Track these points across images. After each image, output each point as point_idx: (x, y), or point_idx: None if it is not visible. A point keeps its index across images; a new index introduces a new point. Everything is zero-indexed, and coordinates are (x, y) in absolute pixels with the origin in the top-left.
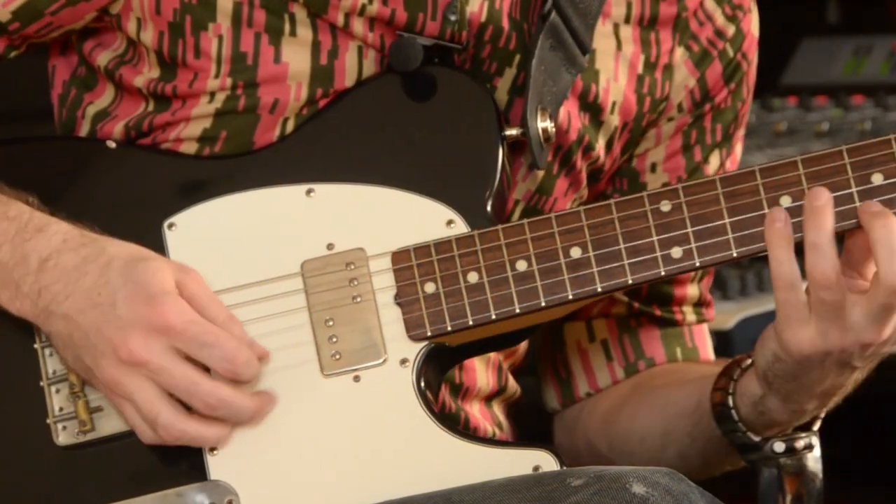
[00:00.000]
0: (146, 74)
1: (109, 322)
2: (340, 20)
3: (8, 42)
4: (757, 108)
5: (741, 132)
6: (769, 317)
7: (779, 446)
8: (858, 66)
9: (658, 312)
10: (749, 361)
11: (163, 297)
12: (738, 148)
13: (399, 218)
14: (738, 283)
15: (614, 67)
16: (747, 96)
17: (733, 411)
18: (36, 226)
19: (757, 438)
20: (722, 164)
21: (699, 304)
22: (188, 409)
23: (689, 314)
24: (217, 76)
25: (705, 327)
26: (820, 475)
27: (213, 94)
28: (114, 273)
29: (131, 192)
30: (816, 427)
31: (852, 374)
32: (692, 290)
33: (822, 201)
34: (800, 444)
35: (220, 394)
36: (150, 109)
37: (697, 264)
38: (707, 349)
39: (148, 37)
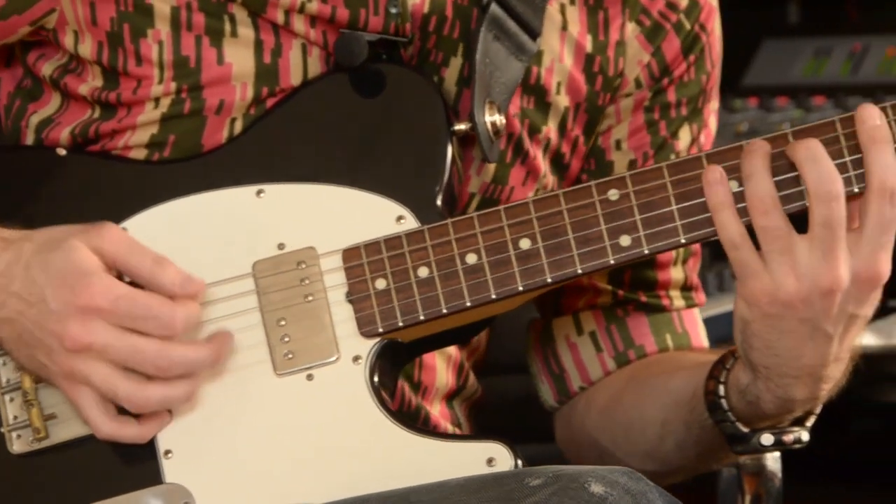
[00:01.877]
0: (90, 83)
1: (47, 318)
2: (281, 18)
3: None
4: (719, 108)
5: (712, 105)
6: (731, 317)
7: (767, 439)
8: (819, 67)
9: (644, 298)
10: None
11: (86, 280)
12: (713, 122)
13: (349, 216)
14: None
15: (559, 47)
16: (712, 69)
17: (723, 400)
18: None
19: (745, 429)
20: (695, 140)
21: (686, 287)
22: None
23: (677, 299)
24: (161, 82)
25: (696, 312)
26: (779, 475)
27: (157, 100)
28: (35, 271)
29: (82, 199)
30: (809, 423)
31: (830, 346)
32: (676, 274)
33: (756, 145)
34: (789, 437)
35: (169, 353)
36: (95, 116)
37: (646, 252)
38: (699, 335)
39: (87, 49)
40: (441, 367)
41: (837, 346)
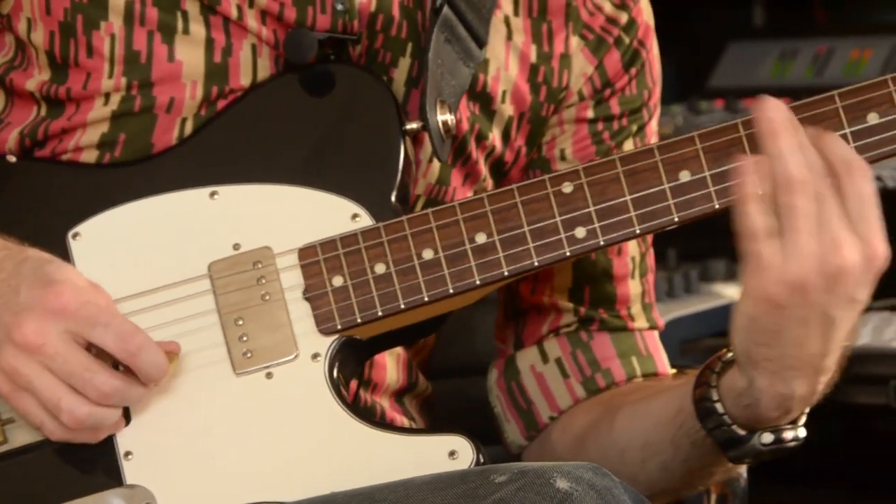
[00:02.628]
0: (37, 77)
1: (8, 307)
2: (234, 12)
3: None
4: (684, 110)
5: (654, 125)
6: (698, 318)
7: (767, 437)
8: (784, 69)
9: (605, 315)
10: (730, 354)
11: (63, 282)
12: (654, 142)
13: (304, 215)
14: (665, 285)
15: (505, 57)
16: (653, 87)
17: (718, 405)
18: None
19: (743, 432)
20: None
21: (645, 304)
22: None
23: (638, 317)
24: (111, 76)
25: (656, 336)
26: (745, 475)
27: (107, 96)
28: (26, 267)
29: (34, 205)
30: (802, 421)
31: (833, 333)
32: (635, 287)
33: (776, 114)
34: (788, 435)
35: (114, 382)
36: (43, 114)
37: (601, 243)
38: (663, 359)
39: (39, 37)
40: (390, 365)
41: (839, 333)
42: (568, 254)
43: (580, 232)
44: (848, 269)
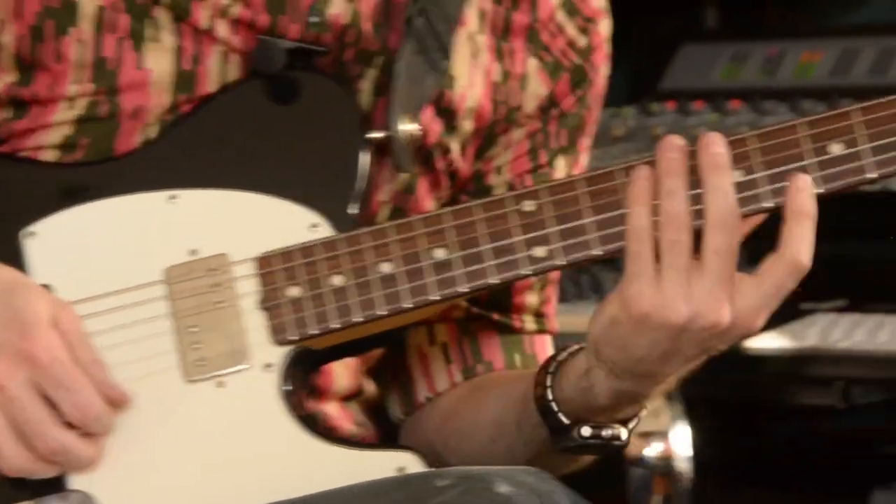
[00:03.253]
0: (3, 79)
1: None
2: (204, 22)
3: None
4: (636, 112)
5: (586, 142)
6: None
7: (586, 430)
8: (736, 71)
9: (496, 317)
10: (576, 347)
11: (36, 328)
12: (584, 158)
13: (263, 222)
14: (574, 288)
15: (469, 73)
16: (593, 106)
17: (549, 390)
18: None
19: (567, 421)
20: (568, 174)
21: (539, 313)
22: None
23: (529, 322)
24: (78, 81)
25: (547, 339)
26: (689, 475)
27: (73, 100)
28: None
29: None
30: (631, 425)
31: (682, 366)
32: (531, 299)
33: (674, 153)
34: (607, 432)
35: (64, 440)
36: (8, 116)
37: (562, 263)
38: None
39: (8, 39)
40: (339, 371)
41: (686, 366)
42: (527, 273)
43: (540, 251)
44: (720, 326)
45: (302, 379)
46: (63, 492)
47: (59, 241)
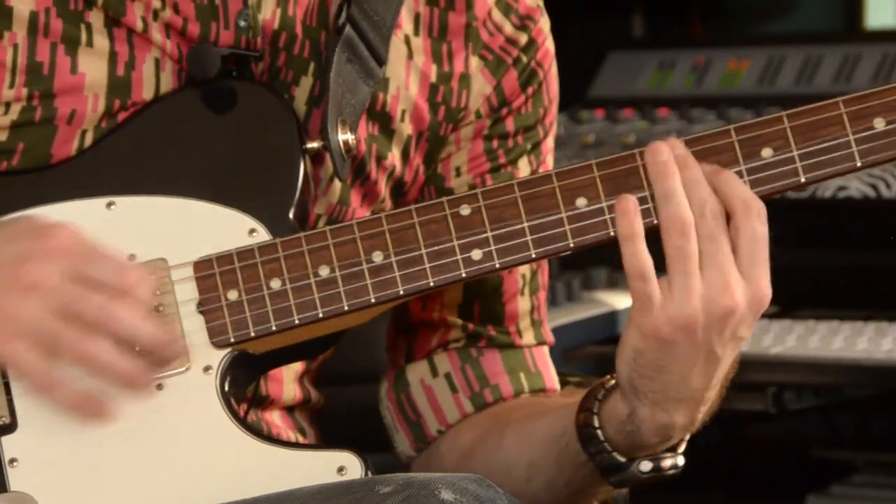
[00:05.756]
0: None
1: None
2: (139, 24)
3: None
4: (565, 120)
5: (549, 143)
6: (580, 325)
7: (645, 466)
8: (663, 79)
9: (493, 332)
10: (613, 381)
11: (54, 229)
12: (549, 160)
13: (201, 228)
14: (548, 295)
15: (405, 76)
16: (549, 105)
17: (599, 431)
18: None
19: (623, 459)
20: (533, 173)
21: (534, 320)
22: None
23: (527, 333)
24: (12, 86)
25: (546, 351)
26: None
27: (7, 105)
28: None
29: None
30: (682, 449)
31: (717, 368)
32: (524, 304)
33: (665, 156)
34: (666, 463)
35: (115, 308)
36: None
37: (497, 266)
38: (551, 374)
39: None
40: (288, 379)
41: (722, 369)
42: (464, 275)
43: (477, 254)
44: (735, 310)
45: (242, 382)
46: (1, 493)
47: None
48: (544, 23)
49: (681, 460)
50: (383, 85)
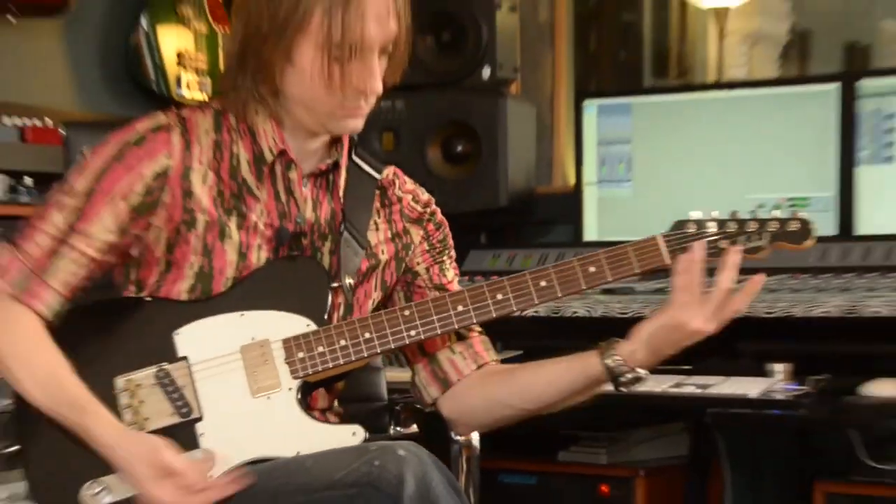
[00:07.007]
0: (155, 254)
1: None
2: (256, 223)
3: None
4: None
5: (453, 259)
6: None
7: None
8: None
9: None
10: (616, 340)
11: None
12: (454, 269)
13: (283, 323)
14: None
15: (379, 245)
16: (448, 240)
17: (615, 350)
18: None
19: (643, 372)
20: (453, 273)
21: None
22: None
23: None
24: (195, 258)
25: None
26: (476, 445)
27: (192, 266)
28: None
29: (143, 330)
30: (644, 372)
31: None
32: (485, 347)
33: (696, 266)
34: (640, 374)
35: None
36: (162, 269)
37: (421, 338)
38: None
39: (160, 247)
40: (321, 394)
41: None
42: (408, 342)
43: (413, 333)
44: (701, 330)
45: (307, 394)
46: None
47: (194, 335)
48: (437, 211)
49: (643, 372)
50: (368, 252)
